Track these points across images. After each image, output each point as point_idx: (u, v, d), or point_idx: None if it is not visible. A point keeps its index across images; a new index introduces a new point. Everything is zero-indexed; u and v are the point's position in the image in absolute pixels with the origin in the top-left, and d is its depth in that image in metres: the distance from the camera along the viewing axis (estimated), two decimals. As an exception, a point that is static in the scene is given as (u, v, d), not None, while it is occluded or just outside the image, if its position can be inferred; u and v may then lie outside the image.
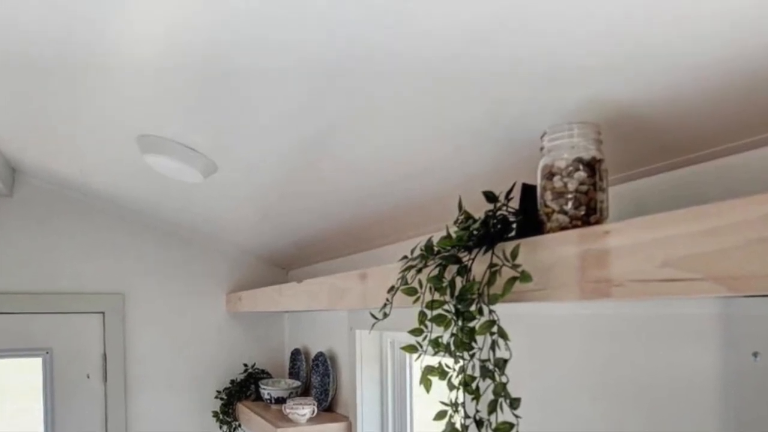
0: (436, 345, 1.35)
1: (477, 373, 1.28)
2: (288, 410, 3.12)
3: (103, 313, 3.57)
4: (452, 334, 1.30)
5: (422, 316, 1.36)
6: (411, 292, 1.43)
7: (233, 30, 1.31)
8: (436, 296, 1.35)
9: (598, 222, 1.21)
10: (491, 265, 1.25)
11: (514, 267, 1.19)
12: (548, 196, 1.25)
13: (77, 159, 2.71)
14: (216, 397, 3.88)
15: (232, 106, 1.69)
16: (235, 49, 1.39)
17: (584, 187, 1.21)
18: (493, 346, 1.24)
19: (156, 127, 2.02)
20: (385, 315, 1.52)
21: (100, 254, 3.55)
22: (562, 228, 1.22)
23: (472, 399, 1.29)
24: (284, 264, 3.99)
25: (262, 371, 3.97)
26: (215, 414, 3.86)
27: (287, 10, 1.20)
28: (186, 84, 1.62)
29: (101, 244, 3.54)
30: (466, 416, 1.32)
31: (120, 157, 2.45)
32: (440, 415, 1.34)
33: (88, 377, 3.54)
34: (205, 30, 1.33)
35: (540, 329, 1.83)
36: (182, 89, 1.66)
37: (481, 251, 1.30)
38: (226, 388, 3.88)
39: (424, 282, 1.39)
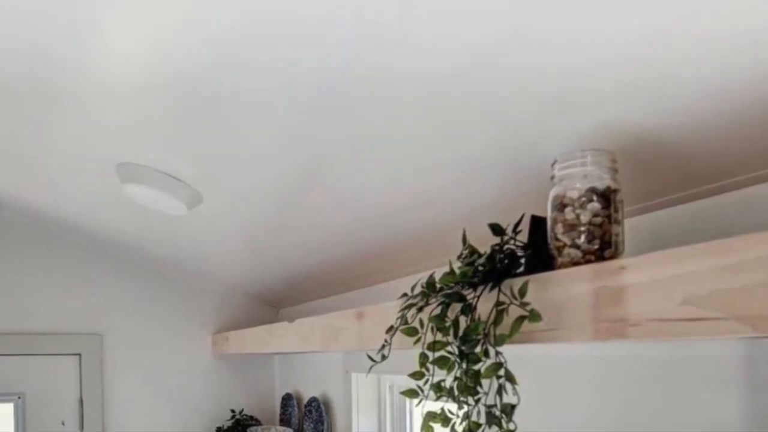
0: (439, 389, 1.34)
1: (482, 420, 1.26)
2: (278, 461, 3.09)
3: (79, 355, 3.54)
4: (456, 378, 1.29)
5: (423, 358, 1.35)
6: (411, 332, 1.42)
7: (218, 50, 1.31)
8: (439, 337, 1.34)
9: (613, 257, 1.20)
10: (498, 304, 1.24)
11: (523, 305, 1.18)
12: (559, 228, 1.24)
13: (52, 189, 2.70)
14: (200, 446, 3.85)
15: (218, 132, 1.69)
16: (220, 70, 1.39)
17: (598, 219, 1.20)
18: (500, 390, 1.23)
19: (136, 155, 2.01)
20: (384, 357, 1.51)
21: (77, 292, 3.53)
22: (575, 263, 1.21)
23: (478, 449, 1.27)
24: (275, 302, 3.98)
25: (251, 418, 3.93)
26: (200, 464, 3.83)
27: (277, 27, 1.20)
28: (168, 108, 1.62)
29: (78, 281, 3.53)
30: (471, 467, 1.30)
31: (98, 187, 2.45)
32: (443, 466, 1.33)
33: (63, 424, 3.50)
34: (189, 50, 1.33)
35: (550, 372, 1.82)
36: (164, 114, 1.66)
37: (487, 288, 1.29)
38: (211, 437, 3.85)
39: (426, 321, 1.38)
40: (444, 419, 1.32)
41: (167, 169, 2.06)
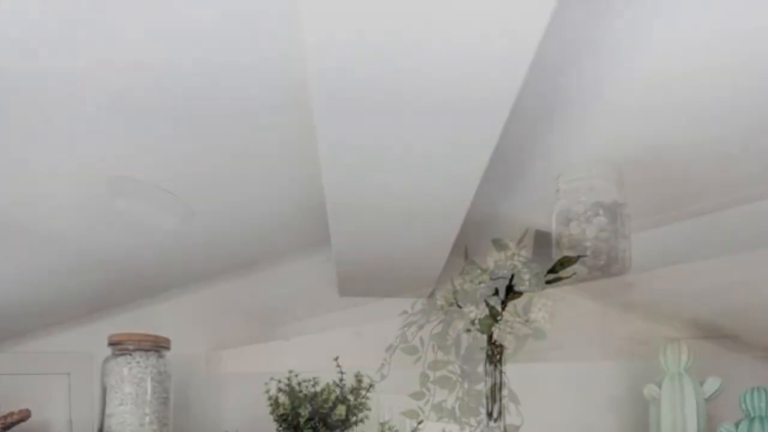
0: (440, 410, 1.34)
1: (486, 443, 1.26)
2: (274, 484, 3.07)
3: (68, 374, 3.53)
4: (458, 398, 1.29)
5: (424, 377, 1.35)
6: (412, 351, 1.42)
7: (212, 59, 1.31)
8: (440, 356, 1.34)
9: (619, 273, 1.20)
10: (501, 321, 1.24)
11: (527, 323, 1.18)
12: (564, 244, 1.24)
13: (37, 202, 2.69)
14: (194, 471, 3.83)
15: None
16: (215, 79, 1.39)
17: (604, 234, 1.20)
18: (503, 411, 1.23)
19: (126, 168, 2.01)
20: (383, 376, 1.51)
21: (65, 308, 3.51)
22: (580, 280, 1.21)
23: (481, 472, 1.27)
24: (271, 320, 3.96)
25: (246, 440, 3.92)
26: (193, 489, 3.81)
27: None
28: (162, 120, 1.62)
29: (67, 297, 3.51)
30: (474, 492, 1.30)
31: (86, 201, 2.44)
32: (445, 490, 1.32)
33: (51, 446, 3.50)
34: (181, 59, 1.33)
35: (556, 392, 1.81)
36: (156, 125, 1.66)
37: (490, 305, 1.29)
38: (205, 460, 3.83)
39: (427, 340, 1.38)
40: (445, 441, 1.32)
41: (160, 182, 2.05)
